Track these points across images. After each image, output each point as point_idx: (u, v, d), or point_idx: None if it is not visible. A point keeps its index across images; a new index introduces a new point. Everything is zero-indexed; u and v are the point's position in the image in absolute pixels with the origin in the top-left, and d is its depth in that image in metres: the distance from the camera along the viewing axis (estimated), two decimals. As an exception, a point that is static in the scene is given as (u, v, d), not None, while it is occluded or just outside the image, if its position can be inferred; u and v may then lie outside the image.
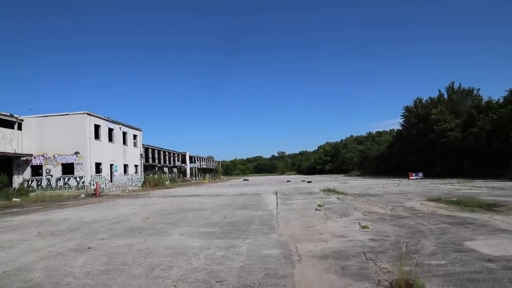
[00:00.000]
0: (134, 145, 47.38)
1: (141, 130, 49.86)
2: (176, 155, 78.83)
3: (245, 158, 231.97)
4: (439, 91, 54.20)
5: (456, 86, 52.65)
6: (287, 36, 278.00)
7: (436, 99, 53.68)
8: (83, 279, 5.39)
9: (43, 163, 35.16)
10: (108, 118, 39.86)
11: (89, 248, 7.81)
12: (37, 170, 35.50)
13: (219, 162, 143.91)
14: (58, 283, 5.23)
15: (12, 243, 8.89)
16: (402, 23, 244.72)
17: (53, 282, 5.32)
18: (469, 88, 52.09)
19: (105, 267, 6.09)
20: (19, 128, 34.80)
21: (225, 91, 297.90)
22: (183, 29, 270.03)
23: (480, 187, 22.94)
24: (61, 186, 34.66)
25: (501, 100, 42.56)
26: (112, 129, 40.74)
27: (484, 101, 47.46)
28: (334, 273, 5.22)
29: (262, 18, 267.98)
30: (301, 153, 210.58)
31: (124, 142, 43.99)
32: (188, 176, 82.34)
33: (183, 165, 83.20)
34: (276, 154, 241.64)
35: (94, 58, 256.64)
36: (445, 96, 53.04)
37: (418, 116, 54.28)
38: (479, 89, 51.63)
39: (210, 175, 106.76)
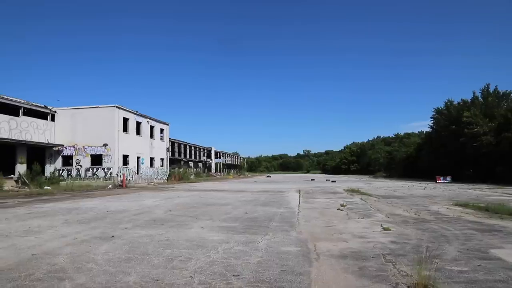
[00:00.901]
0: (161, 139, 48.26)
1: (168, 124, 50.71)
2: (201, 150, 79.73)
3: (270, 155, 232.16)
4: (473, 93, 52.26)
5: (491, 88, 50.62)
6: (318, 34, 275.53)
7: (469, 101, 51.83)
8: (104, 266, 5.56)
9: (73, 154, 36.38)
10: (137, 111, 40.77)
11: (112, 237, 8.04)
12: (67, 160, 36.77)
13: (244, 158, 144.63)
14: (81, 268, 5.42)
15: (40, 228, 9.27)
16: (434, 19, 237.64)
17: (76, 267, 5.51)
18: (506, 91, 49.96)
19: (126, 255, 6.26)
20: (52, 119, 36.12)
21: (253, 89, 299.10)
22: (210, 28, 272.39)
23: (512, 194, 22.05)
24: (89, 176, 35.78)
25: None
26: (140, 122, 41.64)
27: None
28: (351, 274, 5.16)
29: (298, 11, 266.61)
30: (327, 152, 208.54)
31: (151, 136, 44.88)
32: (213, 171, 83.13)
33: (208, 160, 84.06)
34: (301, 153, 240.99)
35: (123, 57, 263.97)
36: (480, 99, 51.08)
37: (449, 119, 52.55)
38: (516, 92, 49.40)
39: (235, 171, 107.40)
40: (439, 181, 43.28)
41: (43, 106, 35.07)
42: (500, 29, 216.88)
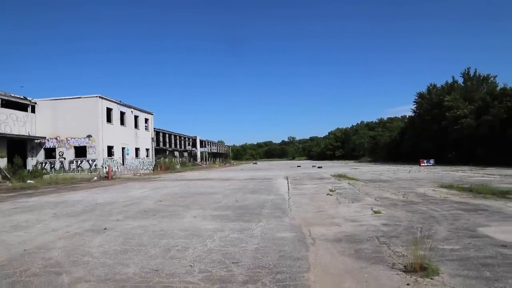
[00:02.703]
0: (145, 128, 47.66)
1: (152, 114, 50.08)
2: (186, 139, 79.20)
3: (255, 143, 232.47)
4: (453, 77, 53.17)
5: (472, 72, 51.50)
6: (300, 25, 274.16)
7: (450, 85, 52.68)
8: (101, 258, 5.52)
9: (56, 146, 35.62)
10: (120, 101, 40.07)
11: (105, 229, 7.96)
12: (50, 153, 36.00)
13: (229, 146, 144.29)
14: (77, 262, 5.37)
15: (29, 223, 9.10)
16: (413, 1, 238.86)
17: (72, 260, 5.45)
18: (486, 75, 50.86)
19: (122, 247, 6.22)
20: (33, 111, 35.18)
21: (237, 77, 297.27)
22: (195, 16, 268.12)
23: (493, 174, 22.67)
24: (74, 168, 35.15)
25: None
26: (124, 112, 40.98)
27: (498, 88, 46.42)
28: (348, 256, 5.26)
29: (272, 11, 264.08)
30: (311, 139, 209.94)
31: (136, 126, 44.27)
32: (199, 160, 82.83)
33: (194, 149, 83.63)
34: (286, 139, 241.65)
35: (106, 46, 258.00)
36: (460, 83, 51.99)
37: (431, 103, 53.39)
38: (495, 76, 50.15)
39: (220, 160, 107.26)
40: (423, 164, 44.15)
41: (22, 97, 34.09)
42: (488, 10, 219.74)
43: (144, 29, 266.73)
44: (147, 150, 47.78)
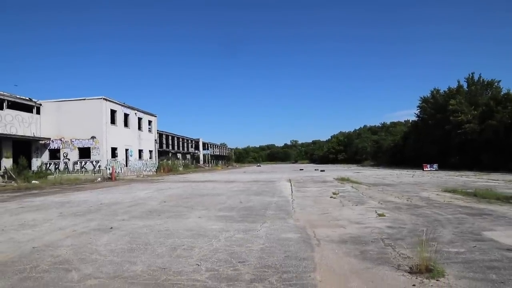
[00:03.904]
0: (149, 130, 47.86)
1: (155, 116, 50.28)
2: (189, 141, 79.34)
3: (258, 146, 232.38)
4: (458, 81, 53.03)
5: (476, 77, 51.44)
6: (302, 29, 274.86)
7: (454, 90, 52.56)
8: (108, 256, 5.58)
9: (60, 147, 35.83)
10: (124, 103, 40.28)
11: (111, 228, 8.03)
12: (54, 154, 36.21)
13: (232, 149, 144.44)
14: (85, 259, 5.43)
15: (36, 222, 9.19)
16: (416, 4, 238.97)
17: (80, 258, 5.52)
18: (490, 80, 50.78)
19: (129, 246, 6.28)
20: (38, 112, 35.42)
21: (239, 79, 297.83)
22: (199, 18, 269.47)
23: (497, 180, 22.60)
24: (78, 169, 35.34)
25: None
26: (128, 114, 41.18)
27: (502, 93, 46.32)
28: (353, 257, 5.30)
29: (274, 14, 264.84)
30: (314, 142, 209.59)
31: (139, 128, 44.48)
32: (201, 162, 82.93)
33: (196, 151, 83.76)
34: (288, 143, 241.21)
35: (110, 48, 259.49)
36: (464, 88, 51.87)
37: (435, 107, 53.27)
38: (499, 81, 49.93)
39: (223, 162, 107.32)
40: (426, 169, 43.99)
41: (27, 98, 34.36)
42: (491, 16, 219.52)
43: (148, 31, 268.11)
44: (150, 152, 47.94)
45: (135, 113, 43.17)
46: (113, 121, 37.56)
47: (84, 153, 35.64)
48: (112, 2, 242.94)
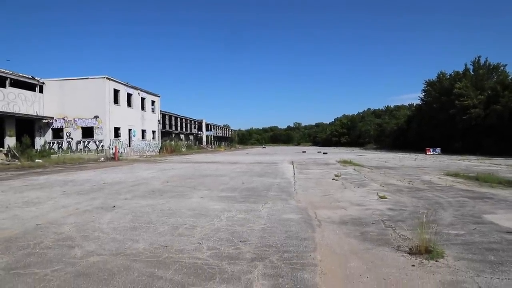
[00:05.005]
0: (152, 111, 47.77)
1: (159, 96, 50.09)
2: (192, 122, 79.33)
3: (260, 127, 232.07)
4: (465, 65, 52.25)
5: (482, 61, 50.67)
6: (310, 15, 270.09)
7: (461, 73, 51.88)
8: (111, 234, 5.65)
9: (63, 126, 35.88)
10: (127, 83, 40.08)
11: (114, 207, 8.11)
12: (58, 133, 36.30)
13: (235, 131, 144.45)
14: (88, 237, 5.50)
15: (40, 200, 9.28)
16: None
17: (83, 235, 5.59)
18: (496, 63, 50.09)
19: (131, 224, 6.35)
20: (41, 91, 35.33)
21: (243, 62, 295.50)
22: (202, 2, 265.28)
23: (500, 164, 22.58)
24: (81, 149, 35.45)
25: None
26: (131, 94, 41.04)
27: (510, 77, 45.72)
28: (353, 238, 5.34)
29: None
30: (317, 125, 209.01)
31: (143, 108, 44.39)
32: (204, 143, 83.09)
33: (199, 132, 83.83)
34: (292, 125, 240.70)
35: (114, 30, 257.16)
36: (471, 71, 51.16)
37: (440, 91, 52.72)
38: (506, 65, 49.27)
39: (226, 144, 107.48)
40: (429, 153, 43.95)
41: (30, 77, 34.20)
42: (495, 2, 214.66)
43: (152, 14, 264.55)
44: (154, 132, 47.98)
45: (138, 93, 43.00)
46: (116, 100, 37.45)
47: (87, 132, 35.70)
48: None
